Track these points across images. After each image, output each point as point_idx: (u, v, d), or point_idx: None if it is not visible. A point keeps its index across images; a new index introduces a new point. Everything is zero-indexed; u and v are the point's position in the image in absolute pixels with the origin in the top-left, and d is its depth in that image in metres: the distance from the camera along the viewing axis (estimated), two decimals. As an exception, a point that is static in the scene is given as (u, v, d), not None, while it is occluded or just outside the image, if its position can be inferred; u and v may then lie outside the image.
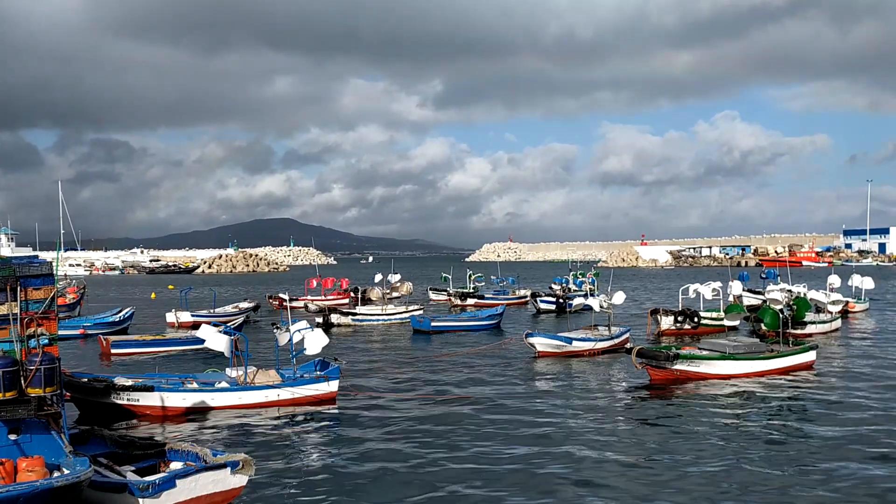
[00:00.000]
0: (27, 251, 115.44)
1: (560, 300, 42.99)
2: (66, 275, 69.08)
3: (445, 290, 53.21)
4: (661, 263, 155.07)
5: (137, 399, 15.95)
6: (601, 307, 27.79)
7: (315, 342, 17.60)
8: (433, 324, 33.44)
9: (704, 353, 20.57)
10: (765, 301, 30.86)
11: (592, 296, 33.05)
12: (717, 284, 33.49)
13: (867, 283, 40.22)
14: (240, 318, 34.58)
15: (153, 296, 62.53)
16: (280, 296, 44.41)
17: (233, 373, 17.49)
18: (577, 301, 42.29)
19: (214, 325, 20.34)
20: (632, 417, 15.95)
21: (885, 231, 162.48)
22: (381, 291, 46.01)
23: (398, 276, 49.55)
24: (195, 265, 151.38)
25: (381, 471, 12.09)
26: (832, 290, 36.66)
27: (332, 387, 17.72)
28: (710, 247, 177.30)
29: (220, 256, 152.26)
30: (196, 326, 24.58)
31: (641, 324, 33.33)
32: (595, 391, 18.74)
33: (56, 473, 9.15)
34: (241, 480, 10.06)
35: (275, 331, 20.74)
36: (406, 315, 37.71)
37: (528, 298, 47.59)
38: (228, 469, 9.90)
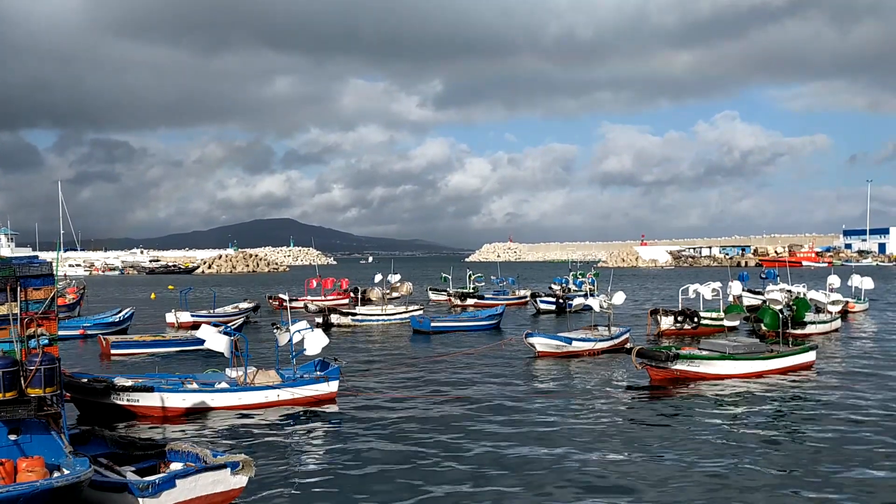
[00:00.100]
0: (27, 251, 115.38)
1: (560, 300, 43.00)
2: (66, 275, 69.05)
3: (445, 291, 53.22)
4: (661, 264, 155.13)
5: (137, 399, 15.94)
6: (601, 307, 27.79)
7: (315, 342, 17.60)
8: (433, 324, 33.45)
9: (704, 353, 20.58)
10: (764, 301, 30.85)
11: (592, 296, 33.03)
12: (717, 285, 33.50)
13: (867, 284, 40.26)
14: (240, 319, 34.60)
15: (153, 296, 62.52)
16: (280, 296, 44.47)
17: (233, 373, 17.49)
18: (578, 301, 42.32)
19: (214, 326, 20.34)
20: (632, 417, 15.96)
21: (885, 231, 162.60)
22: (381, 292, 46.02)
23: (398, 277, 49.58)
24: (195, 265, 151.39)
25: (381, 471, 12.09)
26: (832, 291, 36.67)
27: (332, 387, 17.74)
28: (710, 247, 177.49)
29: (220, 257, 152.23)
30: (196, 327, 24.59)
31: (641, 324, 33.34)
32: (595, 391, 18.75)
33: (56, 474, 9.16)
34: (241, 481, 10.07)
35: (275, 331, 20.74)
36: (406, 315, 37.73)
37: (528, 299, 47.60)
38: (228, 469, 9.90)
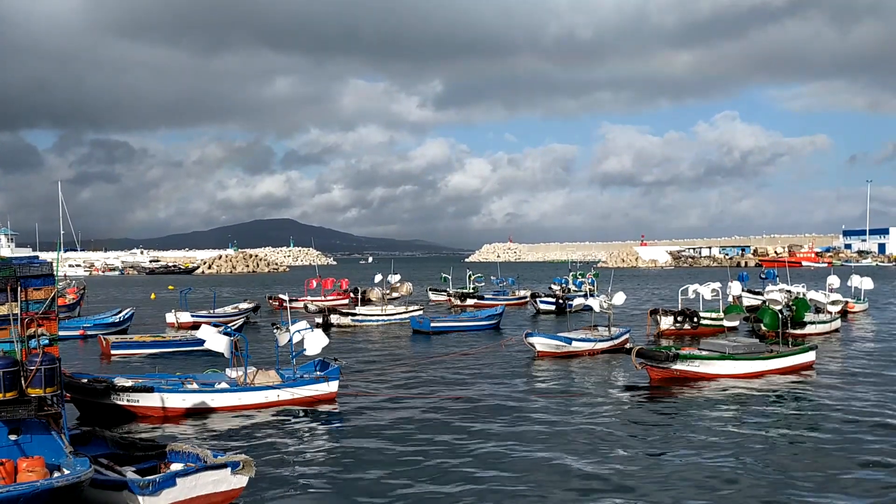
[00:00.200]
0: (27, 252, 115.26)
1: (560, 301, 43.00)
2: (66, 275, 69.02)
3: (445, 291, 53.24)
4: (661, 264, 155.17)
5: (137, 400, 15.95)
6: (601, 307, 27.80)
7: (315, 342, 17.61)
8: (433, 324, 33.46)
9: (704, 353, 20.59)
10: (764, 301, 30.88)
11: (592, 296, 33.05)
12: (717, 285, 33.50)
13: (866, 284, 40.26)
14: (240, 319, 34.60)
15: (153, 296, 62.54)
16: (280, 296, 44.44)
17: (233, 373, 17.50)
18: (578, 301, 42.34)
19: (214, 326, 20.35)
20: (631, 417, 15.96)
21: (885, 231, 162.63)
22: (381, 292, 46.05)
23: (398, 277, 49.62)
24: (195, 266, 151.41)
25: (381, 471, 12.10)
26: (831, 291, 36.66)
27: (332, 387, 17.75)
28: (710, 247, 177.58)
29: (220, 257, 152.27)
30: (196, 327, 24.59)
31: (641, 324, 33.35)
32: (595, 391, 18.76)
33: (56, 474, 9.17)
34: (242, 481, 10.08)
35: (275, 331, 20.75)
36: (406, 315, 37.76)
37: (528, 299, 47.61)
38: (229, 469, 9.92)
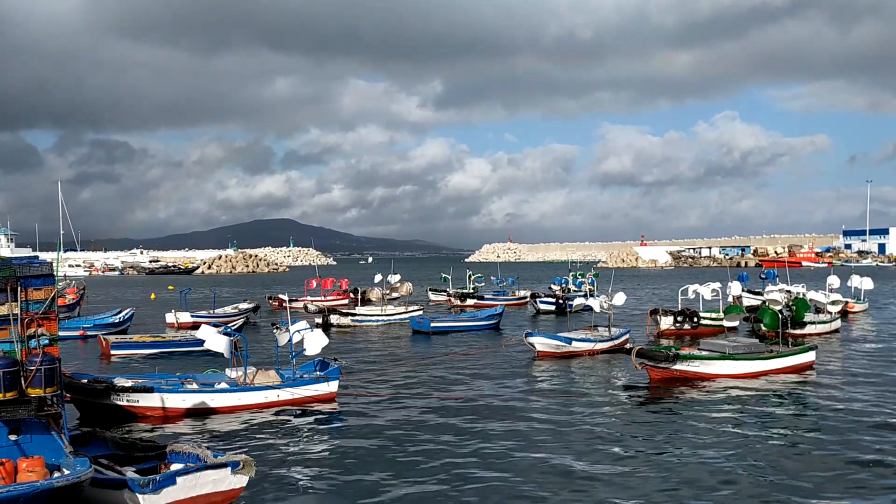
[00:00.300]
0: (27, 252, 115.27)
1: (559, 301, 43.00)
2: (66, 275, 69.04)
3: (445, 291, 53.24)
4: (661, 264, 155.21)
5: (137, 400, 15.95)
6: (602, 308, 27.80)
7: (314, 343, 17.61)
8: (432, 324, 33.47)
9: (704, 354, 20.59)
10: (764, 302, 30.89)
11: (592, 296, 33.04)
12: (717, 285, 33.51)
13: (866, 284, 40.25)
14: (239, 319, 34.60)
15: (153, 296, 62.54)
16: (279, 296, 44.43)
17: (232, 373, 17.49)
18: (578, 301, 42.30)
19: (214, 326, 20.35)
20: (631, 417, 15.97)
21: (885, 231, 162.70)
22: (381, 292, 46.04)
23: (398, 277, 49.62)
24: (195, 266, 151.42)
25: (381, 471, 12.10)
26: (831, 291, 36.66)
27: (332, 387, 17.75)
28: (710, 247, 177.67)
29: (220, 257, 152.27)
30: (196, 327, 24.58)
31: (641, 324, 33.35)
32: (595, 391, 18.76)
33: (56, 474, 9.17)
34: (242, 481, 10.08)
35: (274, 331, 20.75)
36: (406, 315, 37.77)
37: (528, 299, 47.61)
38: (229, 469, 9.91)
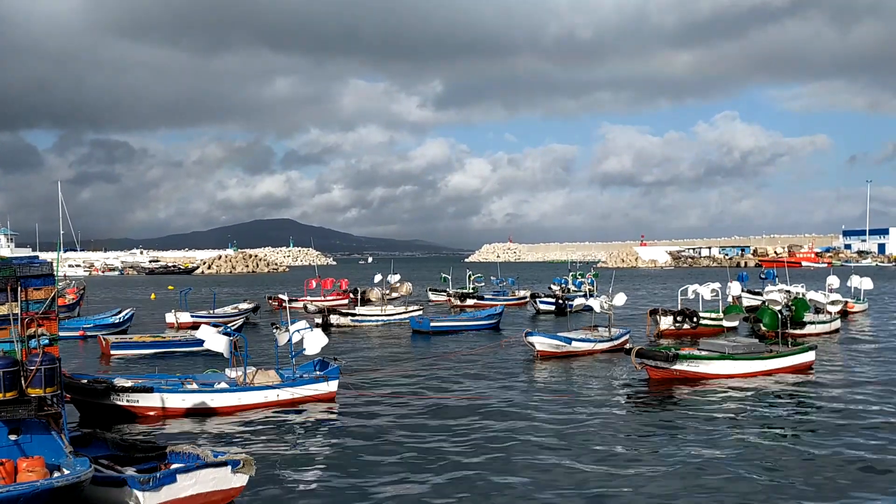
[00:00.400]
0: (27, 252, 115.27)
1: (559, 301, 42.99)
2: (66, 275, 69.03)
3: (445, 291, 53.24)
4: (661, 264, 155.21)
5: (137, 400, 15.95)
6: (602, 308, 27.81)
7: (314, 342, 17.61)
8: (432, 324, 33.48)
9: (704, 354, 20.60)
10: (764, 302, 30.89)
11: (592, 296, 33.05)
12: (716, 285, 33.52)
13: (866, 284, 40.26)
14: (239, 319, 34.61)
15: (153, 296, 62.53)
16: (279, 296, 44.41)
17: (232, 373, 17.49)
18: (578, 301, 42.29)
19: (214, 326, 20.35)
20: (631, 417, 15.98)
21: (885, 232, 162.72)
22: (381, 292, 46.05)
23: (398, 277, 49.62)
24: (194, 266, 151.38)
25: (381, 470, 12.11)
26: (831, 291, 36.65)
27: (332, 387, 17.76)
28: (710, 247, 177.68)
29: (220, 257, 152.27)
30: (196, 327, 24.57)
31: (641, 324, 33.35)
32: (594, 391, 18.77)
33: (56, 474, 9.18)
34: (242, 480, 10.09)
35: (274, 331, 20.74)
36: (405, 315, 37.77)
37: (528, 299, 47.62)
38: (229, 467, 9.92)
